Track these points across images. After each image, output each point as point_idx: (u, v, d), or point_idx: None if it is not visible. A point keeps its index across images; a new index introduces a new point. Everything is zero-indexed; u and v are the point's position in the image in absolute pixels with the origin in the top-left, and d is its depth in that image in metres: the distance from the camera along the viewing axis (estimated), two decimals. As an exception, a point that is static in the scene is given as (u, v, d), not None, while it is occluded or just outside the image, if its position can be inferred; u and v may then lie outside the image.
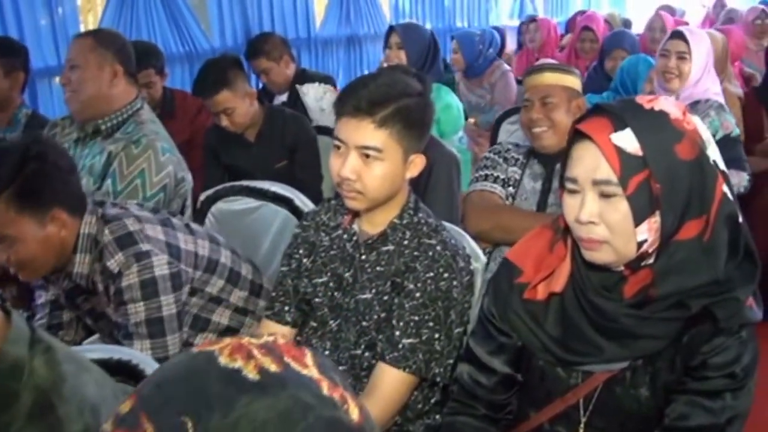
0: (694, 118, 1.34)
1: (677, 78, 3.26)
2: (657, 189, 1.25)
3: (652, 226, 1.27)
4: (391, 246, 1.78)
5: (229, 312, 2.15)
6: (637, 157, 1.25)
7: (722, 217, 1.30)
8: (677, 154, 1.26)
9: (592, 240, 1.30)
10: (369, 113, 1.64)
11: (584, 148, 1.30)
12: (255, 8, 4.49)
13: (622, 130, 1.26)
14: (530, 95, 2.52)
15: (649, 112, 1.29)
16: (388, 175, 1.69)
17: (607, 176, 1.27)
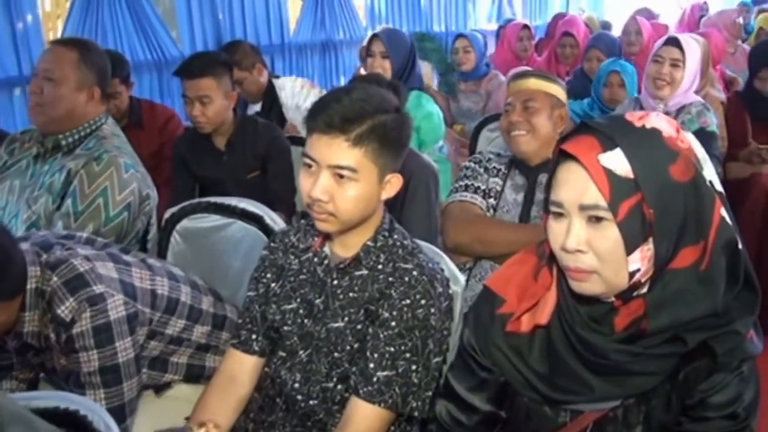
0: (689, 135, 1.24)
1: (669, 85, 3.20)
2: (650, 214, 1.15)
3: (645, 254, 1.17)
4: (364, 270, 1.67)
5: (190, 351, 2.01)
6: (628, 179, 1.15)
7: (720, 244, 1.20)
8: (671, 176, 1.16)
9: (580, 270, 1.20)
10: (342, 131, 1.53)
11: (570, 169, 1.20)
12: (226, 14, 4.35)
13: (611, 150, 1.16)
14: (513, 99, 2.43)
15: (640, 131, 1.19)
16: (362, 197, 1.58)
17: (595, 201, 1.16)
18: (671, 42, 3.25)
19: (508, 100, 2.47)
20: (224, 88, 2.97)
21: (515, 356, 1.33)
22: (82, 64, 2.38)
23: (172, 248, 2.46)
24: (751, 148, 3.78)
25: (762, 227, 3.58)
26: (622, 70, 3.85)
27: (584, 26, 5.28)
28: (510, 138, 2.41)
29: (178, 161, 3.26)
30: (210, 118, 2.98)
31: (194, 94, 2.94)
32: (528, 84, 2.42)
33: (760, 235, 3.59)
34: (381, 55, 3.56)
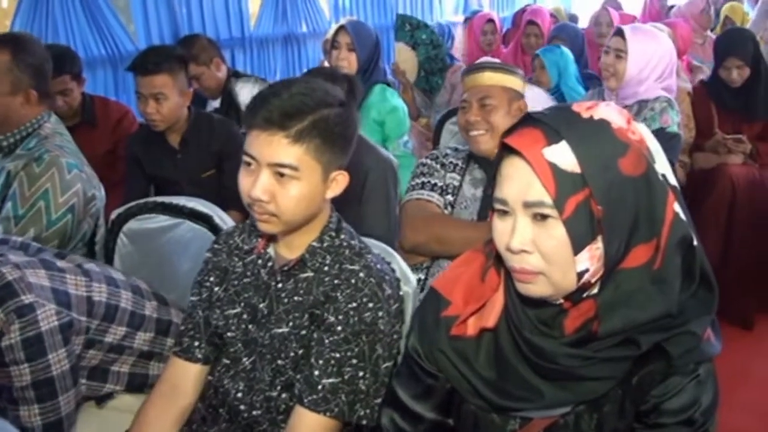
0: (640, 126, 1.17)
1: (613, 76, 3.15)
2: (598, 211, 1.08)
3: (594, 253, 1.10)
4: (309, 273, 1.59)
5: (133, 359, 1.92)
6: (575, 174, 1.08)
7: (674, 241, 1.13)
8: (621, 170, 1.09)
9: (525, 271, 1.13)
10: (282, 126, 1.45)
11: (514, 164, 1.13)
12: (183, 7, 4.23)
13: (556, 143, 1.09)
14: (468, 96, 2.36)
15: (587, 122, 1.12)
16: (305, 196, 1.50)
17: (540, 197, 1.09)
18: (618, 32, 3.19)
19: (464, 96, 2.40)
20: (179, 84, 2.87)
21: (461, 361, 1.26)
22: (14, 68, 2.25)
23: (119, 250, 2.37)
24: (716, 137, 3.75)
25: (728, 218, 3.56)
26: (543, 54, 3.96)
27: (549, 16, 5.23)
28: (469, 137, 2.34)
29: (132, 160, 3.15)
30: (164, 116, 2.88)
31: (148, 91, 2.83)
32: (483, 79, 2.34)
33: (726, 225, 3.56)
34: (347, 47, 3.46)
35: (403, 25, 4.25)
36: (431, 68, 4.27)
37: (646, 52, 3.10)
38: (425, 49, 4.25)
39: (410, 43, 4.23)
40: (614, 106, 1.17)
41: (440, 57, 4.28)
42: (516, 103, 2.35)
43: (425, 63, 4.26)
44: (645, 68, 3.10)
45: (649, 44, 3.12)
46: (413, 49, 4.24)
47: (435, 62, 4.26)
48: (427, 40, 4.24)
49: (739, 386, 3.12)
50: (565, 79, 4.06)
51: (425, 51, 4.25)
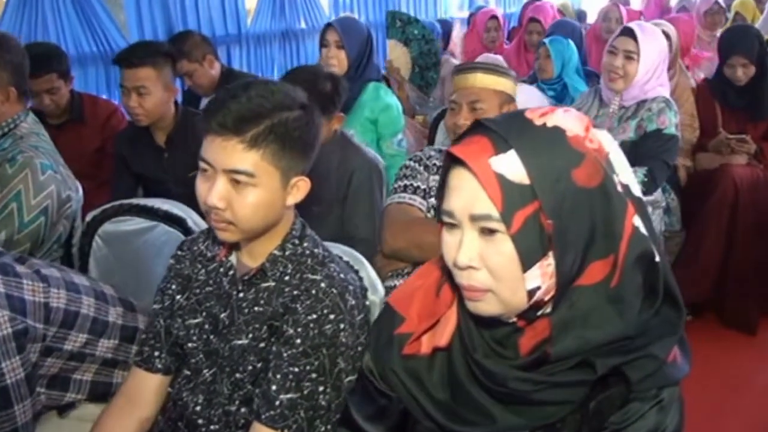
0: (601, 134, 1.10)
1: (621, 78, 3.02)
2: (549, 225, 1.01)
3: (545, 270, 1.03)
4: (271, 282, 1.53)
5: (95, 367, 1.86)
6: (523, 186, 1.01)
7: (633, 257, 1.06)
8: (575, 181, 1.02)
9: (473, 288, 1.06)
10: (236, 132, 1.39)
11: (460, 175, 1.06)
12: (177, 3, 4.16)
13: (504, 152, 1.02)
14: (458, 98, 2.28)
15: (539, 130, 1.05)
16: (262, 203, 1.44)
17: (486, 211, 1.02)
18: (626, 32, 3.06)
19: (453, 96, 2.32)
20: (163, 79, 2.82)
21: (412, 382, 1.19)
22: None
23: (94, 253, 2.32)
24: (720, 137, 3.66)
25: (729, 220, 3.46)
26: (549, 43, 3.87)
27: (552, 12, 5.13)
28: None
29: (119, 158, 3.12)
30: (147, 110, 2.82)
31: (131, 84, 2.79)
32: (474, 80, 2.26)
33: (728, 228, 3.47)
34: (336, 45, 3.41)
35: (394, 21, 4.18)
36: (425, 63, 4.19)
37: (654, 52, 3.01)
38: (418, 44, 4.17)
39: (402, 40, 4.15)
40: (573, 112, 1.09)
41: (433, 51, 4.20)
42: (507, 106, 2.28)
43: (419, 59, 4.18)
44: (651, 68, 3.00)
45: (656, 44, 3.02)
46: (405, 45, 4.17)
47: (429, 57, 4.18)
48: (419, 36, 4.16)
49: (742, 394, 3.04)
50: (568, 70, 4.02)
51: (418, 46, 4.17)
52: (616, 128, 3.04)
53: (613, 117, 3.07)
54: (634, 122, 3.00)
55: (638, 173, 2.86)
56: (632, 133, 2.99)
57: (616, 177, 1.07)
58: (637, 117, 3.00)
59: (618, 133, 3.02)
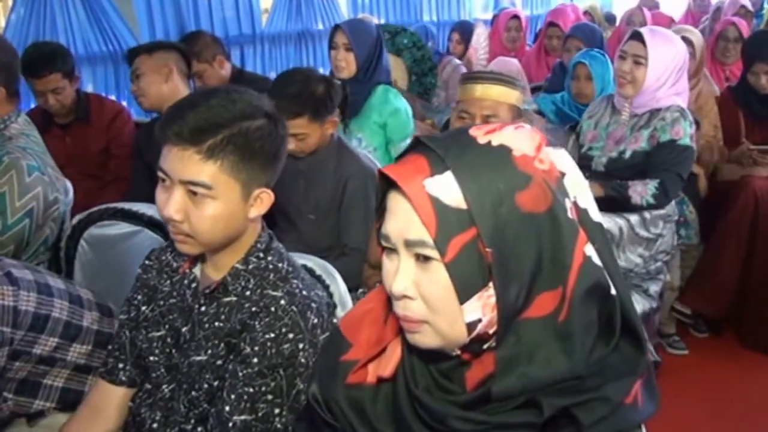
0: (556, 153, 1.00)
1: (630, 84, 2.90)
2: (488, 253, 0.92)
3: (485, 301, 0.94)
4: (232, 297, 1.46)
5: (67, 372, 1.82)
6: (460, 210, 0.92)
7: (582, 289, 0.96)
8: (519, 206, 0.93)
9: (408, 318, 0.98)
10: (193, 142, 1.34)
11: (395, 198, 0.98)
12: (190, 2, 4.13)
13: (440, 173, 0.94)
14: (471, 108, 2.20)
15: (482, 149, 0.96)
16: (221, 216, 1.38)
17: (420, 236, 0.94)
18: (636, 36, 2.94)
19: (462, 105, 2.24)
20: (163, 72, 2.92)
21: (355, 414, 1.11)
22: None
23: (79, 257, 2.28)
24: (742, 148, 3.51)
25: (750, 234, 3.31)
26: (590, 62, 3.54)
27: (573, 16, 5.01)
28: None
29: (135, 151, 3.17)
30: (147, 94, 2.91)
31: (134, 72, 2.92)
32: (491, 92, 2.18)
33: (748, 242, 3.32)
34: (344, 47, 3.36)
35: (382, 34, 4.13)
36: (421, 70, 4.13)
37: (666, 57, 2.87)
38: (409, 53, 4.11)
39: (393, 51, 4.08)
40: (526, 129, 1.00)
41: (427, 57, 4.13)
42: (518, 121, 2.20)
43: (413, 66, 4.13)
44: (663, 75, 2.87)
45: (668, 49, 2.89)
46: (398, 56, 4.11)
47: (423, 63, 4.12)
48: (409, 44, 4.10)
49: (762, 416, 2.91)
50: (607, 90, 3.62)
51: (410, 55, 4.12)
52: (628, 137, 2.92)
53: (625, 126, 2.95)
54: (646, 132, 2.87)
55: (650, 186, 2.75)
56: (645, 143, 2.86)
57: (569, 201, 0.97)
58: (650, 126, 2.87)
59: (630, 142, 2.90)
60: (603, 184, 2.81)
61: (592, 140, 3.03)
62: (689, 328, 3.51)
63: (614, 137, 2.95)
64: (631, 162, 2.88)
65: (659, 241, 2.83)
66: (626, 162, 2.88)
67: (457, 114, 2.27)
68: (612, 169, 2.92)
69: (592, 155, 3.01)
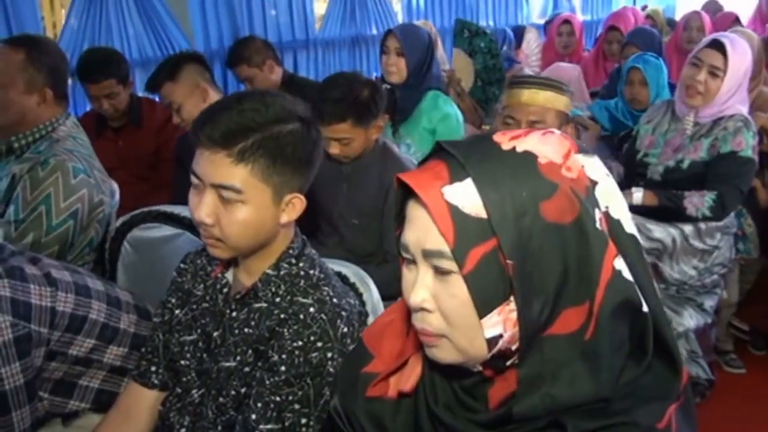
0: (587, 160, 0.95)
1: (701, 95, 2.74)
2: (510, 266, 0.87)
3: (507, 316, 0.90)
4: (263, 303, 1.44)
5: (103, 373, 1.83)
6: (480, 220, 0.88)
7: (611, 306, 0.90)
8: (543, 216, 0.88)
9: (426, 332, 0.94)
10: (224, 145, 1.33)
11: (414, 206, 0.94)
12: (244, 7, 4.16)
13: (460, 181, 0.89)
14: (517, 113, 2.14)
15: (506, 155, 0.91)
16: (252, 221, 1.37)
17: (437, 247, 0.90)
18: (715, 45, 2.74)
19: (508, 110, 2.19)
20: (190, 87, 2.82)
21: (374, 428, 1.08)
22: (29, 66, 2.24)
23: (122, 259, 2.30)
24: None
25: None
26: (644, 66, 3.40)
27: (634, 20, 4.87)
28: None
29: (177, 160, 3.15)
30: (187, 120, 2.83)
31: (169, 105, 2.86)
32: (538, 98, 2.12)
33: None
34: (396, 53, 3.33)
35: (462, 31, 4.03)
36: (488, 78, 4.02)
37: (741, 69, 2.73)
38: (483, 57, 4.01)
39: (468, 51, 4.01)
40: (555, 136, 0.95)
41: (498, 67, 4.02)
42: (564, 128, 2.14)
43: (482, 72, 4.02)
44: (735, 86, 2.73)
45: (745, 60, 2.74)
46: (470, 56, 4.02)
47: (493, 72, 4.01)
48: (485, 49, 3.99)
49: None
50: (662, 95, 3.55)
51: (483, 60, 4.01)
52: (687, 146, 2.78)
53: (684, 134, 2.82)
54: (707, 141, 2.73)
55: (707, 198, 2.63)
56: (704, 153, 2.72)
57: (599, 211, 0.92)
58: (711, 136, 2.73)
59: (689, 151, 2.77)
60: (657, 194, 2.71)
61: (649, 146, 2.91)
62: (747, 345, 3.37)
63: (672, 145, 2.83)
64: (689, 172, 2.74)
65: (715, 253, 2.71)
66: (684, 172, 2.75)
67: (503, 119, 2.21)
68: (669, 179, 2.80)
69: (648, 162, 2.88)
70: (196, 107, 2.81)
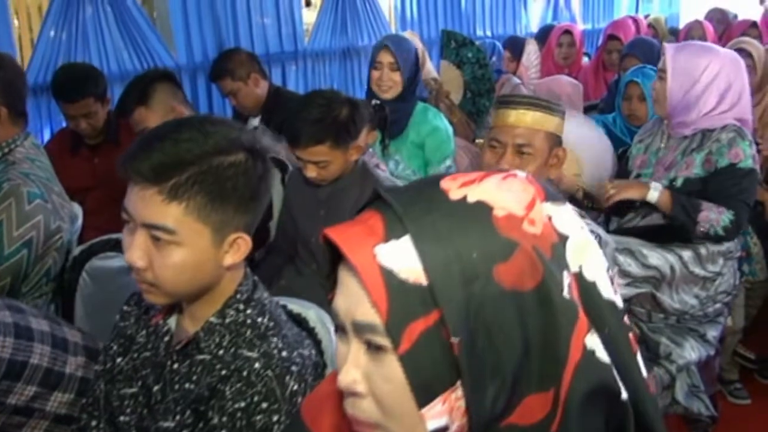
0: (555, 209, 0.79)
1: (657, 103, 2.65)
2: (456, 344, 0.72)
3: (453, 404, 0.74)
4: (206, 355, 1.29)
5: (46, 423, 1.67)
6: (419, 287, 0.72)
7: (581, 393, 0.74)
8: (497, 282, 0.72)
9: (357, 420, 0.78)
10: (155, 181, 1.18)
11: (344, 267, 0.78)
12: (229, 17, 4.01)
13: (396, 238, 0.74)
14: (502, 136, 1.98)
15: (454, 207, 0.75)
16: (188, 264, 1.22)
17: (368, 319, 0.74)
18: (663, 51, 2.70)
19: (493, 133, 2.03)
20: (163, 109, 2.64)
21: None
22: None
23: (80, 290, 2.16)
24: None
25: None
26: (643, 81, 3.21)
27: (634, 29, 4.71)
28: None
29: None
30: None
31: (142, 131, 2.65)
32: (525, 119, 1.95)
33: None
34: (390, 68, 3.18)
35: (449, 41, 3.89)
36: (478, 89, 3.87)
37: (692, 70, 2.55)
38: (471, 68, 3.86)
39: (455, 62, 3.86)
40: (518, 180, 0.79)
41: (487, 77, 3.87)
42: (555, 150, 1.98)
43: (471, 83, 3.87)
44: (691, 91, 2.54)
45: (696, 61, 2.56)
46: (458, 68, 3.87)
47: (482, 83, 3.86)
48: (473, 59, 3.84)
49: None
50: None
51: (471, 70, 3.86)
52: (679, 162, 2.58)
53: (675, 150, 2.64)
54: (699, 156, 2.54)
55: (725, 216, 2.45)
56: (698, 168, 2.52)
57: (568, 274, 0.76)
58: (703, 149, 2.54)
59: (681, 168, 2.56)
60: (674, 198, 2.49)
61: (641, 166, 2.73)
62: (754, 373, 3.20)
63: (663, 163, 2.63)
64: (684, 191, 2.54)
65: (718, 280, 2.53)
66: (679, 191, 2.56)
67: (488, 142, 2.05)
68: (662, 199, 2.63)
69: (641, 183, 2.72)
70: None
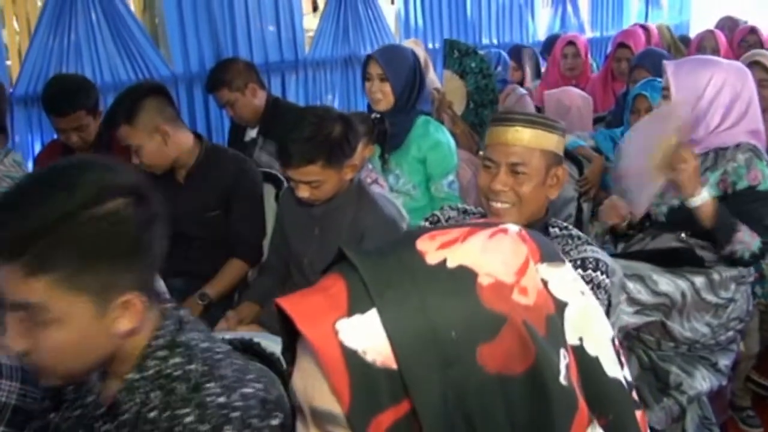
0: (552, 271, 0.68)
1: None
2: None
3: None
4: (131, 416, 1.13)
5: None
6: (387, 372, 0.61)
7: None
8: (480, 366, 0.62)
9: None
10: (9, 255, 1.01)
11: (301, 345, 0.68)
12: (227, 25, 3.91)
13: (361, 312, 0.63)
14: (496, 155, 1.87)
15: (431, 273, 0.64)
16: (70, 343, 1.05)
17: (328, 407, 0.63)
18: None
19: (487, 152, 1.93)
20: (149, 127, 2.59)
21: None
22: None
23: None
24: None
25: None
26: (652, 94, 3.07)
27: (645, 38, 4.59)
28: (489, 207, 1.90)
29: None
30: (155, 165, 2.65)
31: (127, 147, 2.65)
32: (519, 137, 1.84)
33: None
34: (379, 78, 3.09)
35: (452, 51, 3.78)
36: (481, 100, 3.76)
37: (695, 85, 2.44)
38: (474, 78, 3.75)
39: (458, 72, 3.75)
40: (509, 237, 0.68)
41: (491, 87, 3.76)
42: (554, 169, 1.87)
43: (474, 94, 3.76)
44: (697, 107, 2.43)
45: (698, 76, 2.45)
46: (461, 78, 3.76)
47: (485, 93, 3.75)
48: (477, 69, 3.73)
49: None
50: None
51: (474, 80, 3.75)
52: None
53: None
54: (714, 176, 2.42)
55: (757, 242, 2.33)
56: (712, 188, 2.39)
57: (566, 354, 0.65)
58: (717, 169, 2.42)
59: None
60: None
61: None
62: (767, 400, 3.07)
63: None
64: None
65: (731, 306, 2.41)
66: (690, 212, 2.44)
67: (482, 162, 1.94)
68: (673, 220, 2.50)
69: (652, 203, 2.61)
70: (159, 150, 2.61)
